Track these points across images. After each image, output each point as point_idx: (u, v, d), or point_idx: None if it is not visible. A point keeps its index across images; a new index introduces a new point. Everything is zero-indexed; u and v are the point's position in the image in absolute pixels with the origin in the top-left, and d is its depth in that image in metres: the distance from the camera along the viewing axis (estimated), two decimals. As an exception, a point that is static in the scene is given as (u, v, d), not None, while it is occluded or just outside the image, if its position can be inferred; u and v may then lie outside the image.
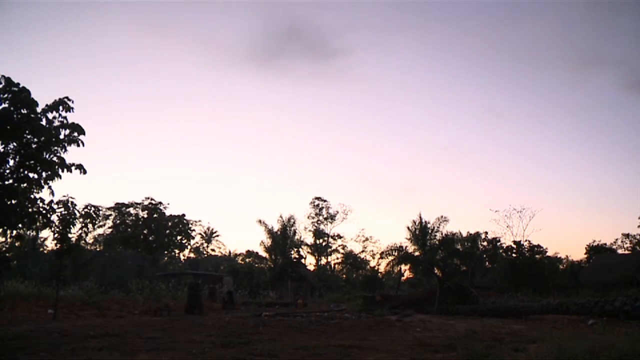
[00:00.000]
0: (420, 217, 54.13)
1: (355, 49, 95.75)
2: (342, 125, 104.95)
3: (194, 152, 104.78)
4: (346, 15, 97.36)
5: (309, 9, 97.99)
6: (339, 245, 63.63)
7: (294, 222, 59.84)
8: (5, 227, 11.38)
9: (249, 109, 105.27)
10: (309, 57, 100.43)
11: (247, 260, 71.38)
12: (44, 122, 11.32)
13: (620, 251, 56.19)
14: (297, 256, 52.78)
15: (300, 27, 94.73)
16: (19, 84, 11.16)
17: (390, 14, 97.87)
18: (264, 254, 62.24)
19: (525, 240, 47.32)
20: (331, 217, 62.15)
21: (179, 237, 53.74)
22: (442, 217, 53.90)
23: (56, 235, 15.49)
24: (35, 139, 11.20)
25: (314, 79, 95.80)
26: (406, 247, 53.34)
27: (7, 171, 11.07)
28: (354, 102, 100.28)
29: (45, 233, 47.94)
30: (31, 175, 11.25)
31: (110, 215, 50.70)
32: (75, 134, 11.60)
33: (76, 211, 15.26)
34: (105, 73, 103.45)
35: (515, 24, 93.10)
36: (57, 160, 11.39)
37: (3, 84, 11.10)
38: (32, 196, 11.39)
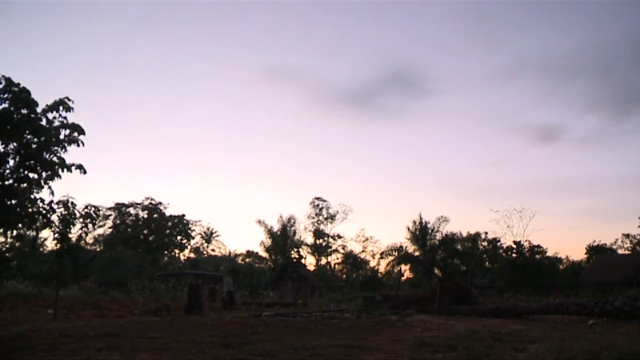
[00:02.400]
0: (420, 217, 54.14)
1: (446, 91, 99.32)
2: (370, 138, 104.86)
3: (194, 153, 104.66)
4: (444, 65, 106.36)
5: (414, 59, 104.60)
6: (339, 246, 63.66)
7: (294, 222, 59.81)
8: (5, 227, 11.38)
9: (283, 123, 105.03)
10: (401, 97, 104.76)
11: (247, 260, 71.21)
12: (44, 122, 11.32)
13: (620, 251, 56.09)
14: (297, 256, 52.78)
15: (403, 73, 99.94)
16: (19, 84, 11.15)
17: (474, 61, 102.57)
18: (264, 254, 62.20)
19: (525, 241, 47.46)
20: (331, 217, 62.14)
21: (179, 237, 53.89)
22: (442, 217, 53.91)
23: (56, 235, 15.46)
24: (35, 139, 11.19)
25: (397, 112, 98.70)
26: (406, 247, 53.38)
27: (7, 171, 11.07)
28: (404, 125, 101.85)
29: (45, 233, 47.89)
30: (31, 175, 11.24)
31: (110, 215, 50.82)
32: (75, 134, 11.60)
33: (76, 211, 15.21)
34: (110, 74, 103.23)
35: (570, 74, 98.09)
36: (57, 160, 11.38)
37: (3, 83, 11.10)
38: (32, 196, 11.38)
